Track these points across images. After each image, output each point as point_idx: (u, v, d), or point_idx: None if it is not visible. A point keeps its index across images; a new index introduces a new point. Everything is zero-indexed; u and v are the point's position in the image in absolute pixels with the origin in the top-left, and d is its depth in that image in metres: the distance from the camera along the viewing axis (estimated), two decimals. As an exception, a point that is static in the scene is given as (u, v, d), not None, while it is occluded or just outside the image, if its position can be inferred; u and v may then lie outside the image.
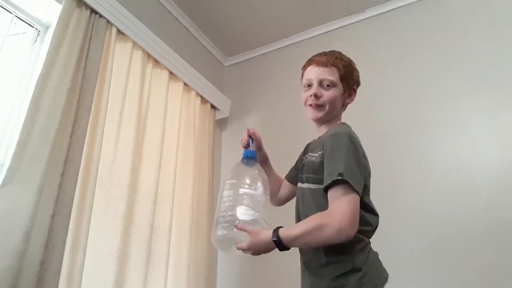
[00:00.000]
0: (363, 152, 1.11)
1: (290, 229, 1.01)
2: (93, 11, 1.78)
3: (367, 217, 1.10)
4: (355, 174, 0.99)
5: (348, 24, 2.57)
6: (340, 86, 1.18)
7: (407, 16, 2.35)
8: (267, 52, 2.88)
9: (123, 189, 1.74)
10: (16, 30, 1.77)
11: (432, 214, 1.87)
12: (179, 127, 2.21)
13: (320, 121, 1.20)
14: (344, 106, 1.22)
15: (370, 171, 1.15)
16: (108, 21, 1.85)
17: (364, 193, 1.05)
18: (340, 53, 1.25)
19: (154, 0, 2.38)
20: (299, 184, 1.21)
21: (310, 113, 1.20)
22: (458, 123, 1.97)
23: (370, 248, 1.10)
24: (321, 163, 1.07)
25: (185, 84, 2.36)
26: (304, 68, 1.27)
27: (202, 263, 2.12)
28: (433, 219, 1.86)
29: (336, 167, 0.99)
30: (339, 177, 0.97)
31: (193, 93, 2.44)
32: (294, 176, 1.37)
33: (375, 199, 1.21)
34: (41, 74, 1.49)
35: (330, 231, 0.94)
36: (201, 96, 2.50)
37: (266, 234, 1.02)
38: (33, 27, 1.81)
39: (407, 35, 2.31)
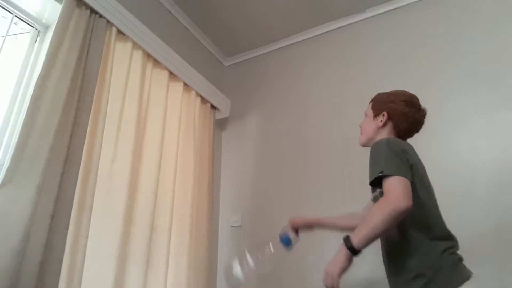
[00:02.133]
0: (402, 149, 1.19)
1: (356, 233, 1.09)
2: (93, 11, 1.78)
3: (426, 217, 1.15)
4: (392, 165, 1.10)
5: (348, 24, 2.57)
6: (370, 113, 1.42)
7: (407, 16, 2.36)
8: (267, 52, 2.88)
9: (123, 189, 1.74)
10: (16, 30, 1.77)
11: (432, 214, 1.86)
12: (179, 127, 2.21)
13: (365, 146, 1.41)
14: (382, 128, 1.39)
15: (421, 168, 1.25)
16: (108, 21, 1.85)
17: (417, 185, 1.14)
18: (381, 92, 1.46)
19: (154, 0, 2.38)
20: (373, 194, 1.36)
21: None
22: (458, 123, 1.97)
23: (442, 251, 1.12)
24: None
25: (185, 84, 2.36)
26: None
27: (202, 263, 2.12)
28: (433, 219, 1.86)
29: (377, 167, 1.12)
30: (380, 174, 1.09)
31: (193, 93, 2.44)
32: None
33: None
34: (41, 74, 1.49)
35: (388, 208, 1.02)
36: (201, 96, 2.50)
37: (338, 252, 1.13)
38: (33, 27, 1.81)
39: (407, 35, 2.31)
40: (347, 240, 1.10)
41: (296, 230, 1.56)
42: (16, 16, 1.73)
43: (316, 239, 2.12)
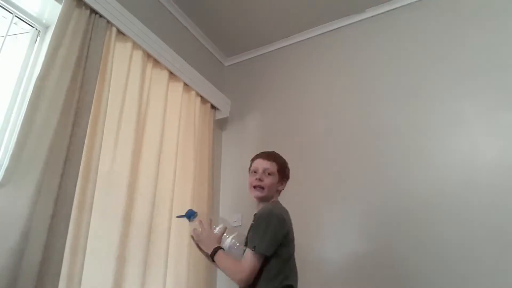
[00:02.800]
0: (283, 223, 1.43)
1: (222, 258, 1.41)
2: (93, 11, 1.78)
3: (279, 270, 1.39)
4: (265, 245, 1.35)
5: (348, 24, 2.57)
6: (276, 176, 1.55)
7: (407, 16, 2.35)
8: (267, 52, 2.88)
9: (122, 189, 1.74)
10: (16, 30, 1.77)
11: (432, 214, 1.87)
12: (179, 127, 2.21)
13: (260, 200, 1.56)
14: (278, 191, 1.59)
15: (291, 237, 1.47)
16: (108, 21, 1.85)
17: (282, 252, 1.39)
18: (278, 154, 1.62)
19: (154, 0, 2.38)
20: None
21: (254, 193, 1.55)
22: (458, 124, 1.97)
23: None
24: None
25: (185, 84, 2.36)
26: (253, 159, 1.62)
27: (202, 263, 2.12)
28: (433, 219, 1.86)
29: (255, 240, 1.36)
30: (253, 249, 1.34)
31: (193, 93, 2.43)
32: None
33: (376, 199, 1.20)
34: (40, 74, 1.49)
35: (237, 274, 1.35)
36: (201, 96, 2.50)
37: (213, 244, 1.45)
38: (33, 27, 1.81)
39: (407, 35, 2.31)
40: (216, 251, 1.42)
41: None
42: (16, 16, 1.73)
43: (316, 238, 2.13)
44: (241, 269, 1.34)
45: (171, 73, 2.26)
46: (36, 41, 1.81)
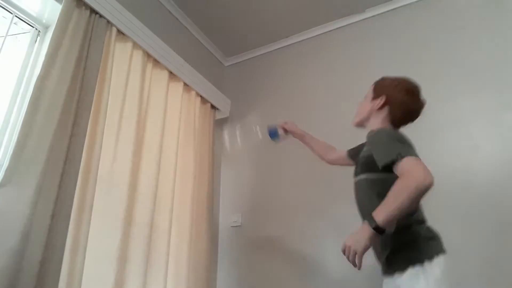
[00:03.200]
0: (408, 140, 1.23)
1: (379, 212, 1.07)
2: (93, 11, 1.78)
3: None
4: (407, 148, 1.13)
5: (348, 24, 2.57)
6: (369, 96, 1.44)
7: (407, 16, 2.35)
8: (267, 52, 2.88)
9: (123, 189, 1.74)
10: (16, 30, 1.77)
11: (432, 214, 1.86)
12: (179, 127, 2.21)
13: (361, 127, 1.46)
14: (377, 112, 1.40)
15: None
16: (108, 21, 1.85)
17: None
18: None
19: (154, 0, 2.38)
20: (354, 179, 1.36)
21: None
22: (458, 123, 1.97)
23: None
24: (370, 156, 1.22)
25: (185, 84, 2.36)
26: None
27: (202, 263, 2.12)
28: (433, 219, 1.86)
29: (391, 150, 1.12)
30: (398, 157, 1.08)
31: (193, 93, 2.43)
32: (352, 154, 1.66)
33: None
34: (40, 74, 1.49)
35: (413, 185, 1.02)
36: (201, 96, 2.50)
37: (361, 230, 1.10)
38: (33, 27, 1.81)
39: (407, 35, 2.31)
40: (371, 219, 1.07)
41: (285, 130, 1.85)
42: (16, 16, 1.73)
43: (316, 238, 2.13)
44: (409, 176, 1.04)
45: (171, 73, 2.26)
46: (36, 41, 1.81)
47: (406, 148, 1.12)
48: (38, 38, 1.82)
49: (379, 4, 2.44)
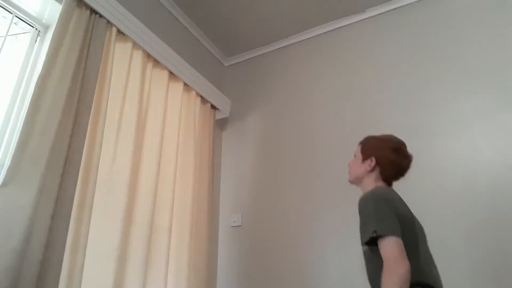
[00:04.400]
0: (389, 201, 1.27)
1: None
2: (93, 11, 1.78)
3: (416, 264, 1.18)
4: (383, 224, 1.17)
5: (348, 24, 2.57)
6: (359, 157, 1.49)
7: (407, 16, 2.36)
8: (267, 52, 2.88)
9: (123, 189, 1.74)
10: (16, 30, 1.77)
11: (432, 214, 1.87)
12: (179, 127, 2.21)
13: (356, 185, 1.51)
14: (370, 173, 1.45)
15: (408, 213, 1.29)
16: (108, 21, 1.85)
17: (409, 239, 1.19)
18: (371, 136, 1.54)
19: (154, 0, 2.38)
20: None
21: None
22: (458, 124, 1.97)
23: None
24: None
25: (185, 84, 2.36)
26: None
27: (202, 263, 2.12)
28: (433, 219, 1.86)
29: (369, 227, 1.19)
30: (374, 235, 1.15)
31: (193, 93, 2.44)
32: None
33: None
34: (41, 74, 1.49)
35: (395, 276, 1.09)
36: (201, 96, 2.50)
37: None
38: (33, 27, 1.81)
39: (407, 35, 2.31)
40: None
41: None
42: (16, 16, 1.73)
43: (316, 238, 2.13)
44: (388, 266, 1.10)
45: (171, 73, 2.26)
46: (36, 41, 1.81)
47: (384, 223, 1.17)
48: (38, 38, 1.82)
49: (379, 4, 2.45)
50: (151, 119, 2.04)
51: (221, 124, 2.82)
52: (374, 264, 1.22)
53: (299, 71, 2.68)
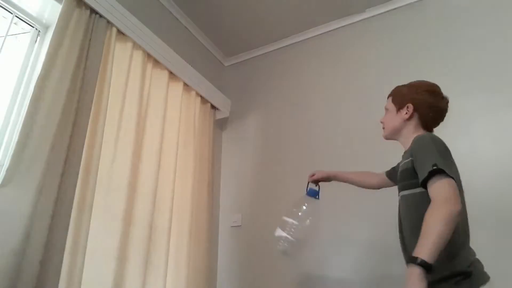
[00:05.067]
0: (447, 147, 1.21)
1: (420, 248, 1.00)
2: (93, 11, 1.78)
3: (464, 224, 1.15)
4: (444, 161, 1.09)
5: (348, 24, 2.57)
6: (393, 108, 1.42)
7: (407, 16, 2.35)
8: (267, 52, 2.88)
9: (123, 189, 1.74)
10: (16, 30, 1.77)
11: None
12: (179, 127, 2.21)
13: (394, 139, 1.44)
14: (407, 122, 1.37)
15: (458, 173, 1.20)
16: (108, 21, 1.85)
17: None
18: (400, 85, 1.46)
19: (154, 0, 2.38)
20: (399, 193, 1.32)
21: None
22: (458, 123, 1.97)
23: (472, 256, 1.17)
24: (413, 168, 1.19)
25: (185, 84, 2.36)
26: None
27: (202, 263, 2.12)
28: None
29: (428, 160, 1.09)
30: (434, 167, 1.06)
31: (193, 93, 2.44)
32: (391, 173, 1.60)
33: (375, 199, 1.20)
34: (41, 74, 1.49)
35: (445, 212, 1.00)
36: (201, 96, 2.50)
37: (409, 279, 0.99)
38: (33, 27, 1.81)
39: (407, 35, 2.31)
40: (414, 259, 0.98)
41: (316, 182, 1.73)
42: (16, 16, 1.73)
43: (316, 240, 2.12)
44: (437, 203, 1.02)
45: (171, 73, 2.26)
46: (36, 41, 1.80)
47: (444, 160, 1.10)
48: (38, 38, 1.82)
49: (379, 4, 2.44)
50: (151, 119, 2.04)
51: (221, 124, 2.82)
52: (420, 209, 1.08)
53: (299, 71, 2.67)
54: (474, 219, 1.77)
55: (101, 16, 1.81)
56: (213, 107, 2.65)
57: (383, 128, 1.45)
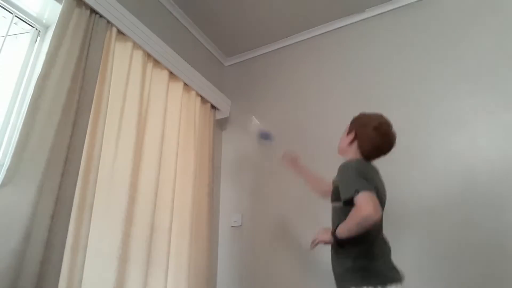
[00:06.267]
0: (368, 172, 1.38)
1: (342, 225, 1.32)
2: (93, 11, 1.78)
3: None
4: (362, 183, 1.29)
5: (348, 24, 2.57)
6: (345, 132, 1.58)
7: (407, 16, 2.36)
8: (267, 52, 2.88)
9: (123, 189, 1.74)
10: (16, 30, 1.77)
11: (432, 213, 1.87)
12: (179, 127, 2.21)
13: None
14: (350, 146, 1.54)
15: (381, 193, 1.40)
16: (108, 21, 1.85)
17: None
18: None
19: (154, 0, 2.38)
20: (331, 203, 1.54)
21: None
22: (458, 123, 1.97)
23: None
24: (337, 187, 1.41)
25: (185, 84, 2.36)
26: None
27: (202, 263, 2.12)
28: (433, 218, 1.86)
29: (351, 186, 1.29)
30: (356, 192, 1.25)
31: (193, 93, 2.44)
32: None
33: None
34: (41, 74, 1.49)
35: (359, 217, 1.23)
36: (201, 96, 2.50)
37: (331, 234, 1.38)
38: (33, 27, 1.81)
39: (406, 35, 2.31)
40: (334, 231, 1.36)
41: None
42: (16, 16, 1.73)
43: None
44: (360, 209, 1.23)
45: (171, 73, 2.26)
46: (36, 41, 1.81)
47: (364, 183, 1.28)
48: (38, 38, 1.82)
49: (379, 4, 2.45)
50: (151, 119, 2.04)
51: (221, 124, 2.82)
52: (341, 218, 1.34)
53: (299, 71, 2.68)
54: (474, 218, 1.78)
55: (101, 16, 1.81)
56: (213, 107, 2.65)
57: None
